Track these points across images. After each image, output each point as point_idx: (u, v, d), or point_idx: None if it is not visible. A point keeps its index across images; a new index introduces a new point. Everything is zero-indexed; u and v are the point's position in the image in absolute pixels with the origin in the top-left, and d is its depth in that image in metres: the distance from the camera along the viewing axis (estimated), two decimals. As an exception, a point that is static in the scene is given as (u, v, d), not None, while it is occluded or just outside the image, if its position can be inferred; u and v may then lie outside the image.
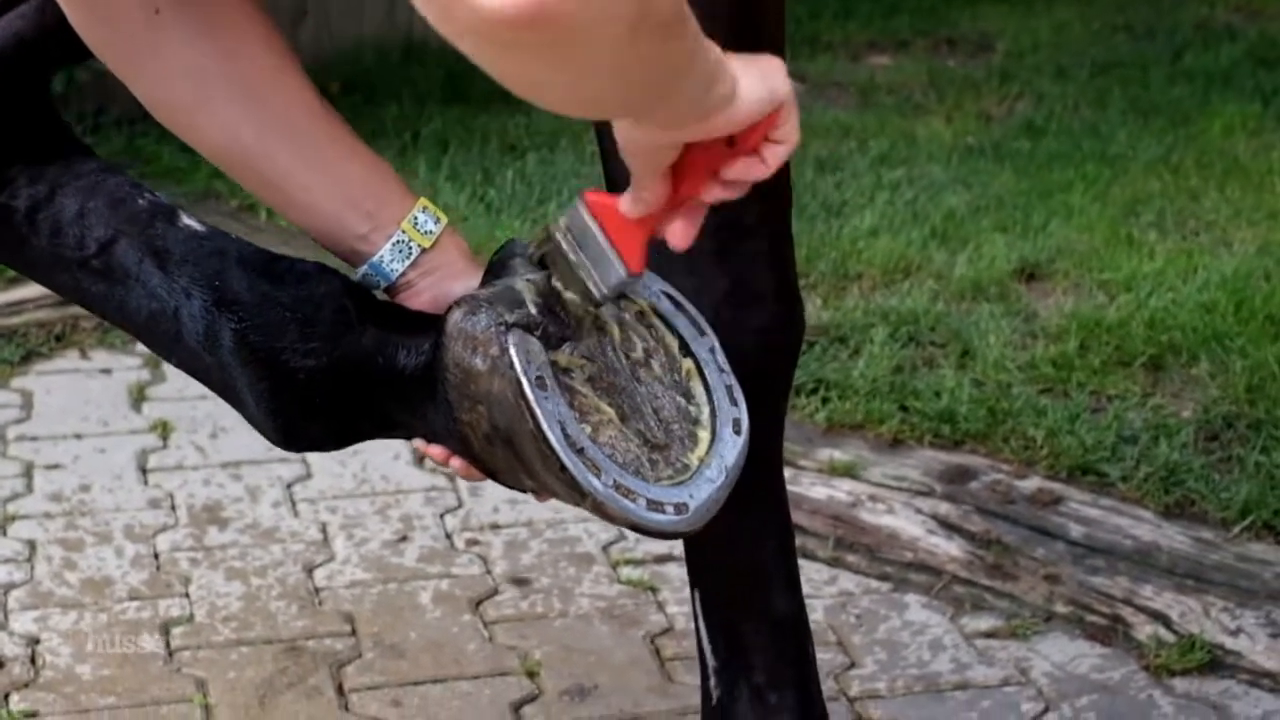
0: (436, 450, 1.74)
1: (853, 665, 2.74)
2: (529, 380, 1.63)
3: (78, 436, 3.40)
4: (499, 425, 1.65)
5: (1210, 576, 2.90)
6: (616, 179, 1.91)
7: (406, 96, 5.05)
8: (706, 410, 1.75)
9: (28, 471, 3.28)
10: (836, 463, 3.19)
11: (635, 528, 1.66)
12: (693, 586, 2.07)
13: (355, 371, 1.71)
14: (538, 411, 1.62)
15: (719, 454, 1.73)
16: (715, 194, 1.59)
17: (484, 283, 1.74)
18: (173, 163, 4.62)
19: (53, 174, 1.81)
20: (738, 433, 1.74)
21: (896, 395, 3.36)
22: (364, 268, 1.76)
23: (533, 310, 1.68)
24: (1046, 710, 2.65)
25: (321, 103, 1.77)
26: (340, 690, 2.70)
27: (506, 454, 1.67)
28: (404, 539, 3.09)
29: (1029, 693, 2.69)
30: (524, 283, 1.70)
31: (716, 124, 1.51)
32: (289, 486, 3.24)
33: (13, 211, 1.80)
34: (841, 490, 3.12)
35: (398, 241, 1.75)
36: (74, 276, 1.79)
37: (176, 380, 3.61)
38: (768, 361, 1.93)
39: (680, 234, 1.61)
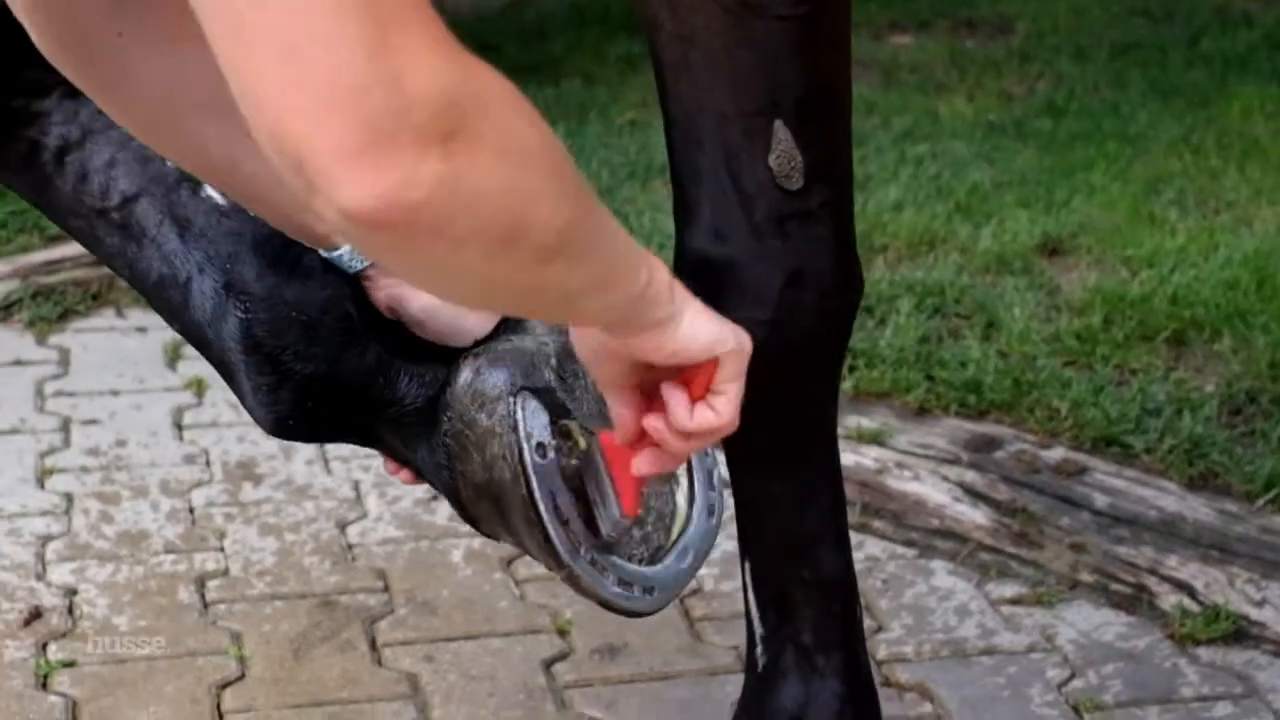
0: (406, 475, 1.78)
1: (880, 629, 2.77)
2: (529, 447, 1.65)
3: (114, 393, 3.44)
4: (492, 482, 1.67)
5: (1235, 548, 2.93)
6: (674, 152, 1.92)
7: (436, 67, 5.08)
8: (685, 492, 1.78)
9: (65, 426, 3.32)
10: (864, 430, 3.22)
11: (602, 603, 1.69)
12: (742, 557, 2.08)
13: (353, 386, 1.73)
14: (533, 480, 1.64)
15: (691, 537, 1.76)
16: (675, 444, 1.53)
17: (497, 331, 1.75)
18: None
19: (86, 116, 1.80)
20: (710, 516, 1.78)
21: (923, 365, 3.39)
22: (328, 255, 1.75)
23: (546, 375, 1.70)
24: (1072, 677, 2.68)
25: None
26: (373, 645, 2.74)
27: (491, 509, 1.70)
28: (435, 498, 3.12)
29: (1055, 659, 2.72)
30: (538, 344, 1.71)
31: (652, 344, 1.47)
32: (322, 444, 3.27)
33: (41, 149, 1.79)
34: (868, 457, 3.15)
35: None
36: (90, 224, 1.79)
37: (208, 340, 3.65)
38: (825, 325, 1.94)
39: (647, 462, 1.56)
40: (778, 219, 1.87)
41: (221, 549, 2.95)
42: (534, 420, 1.65)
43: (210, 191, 1.77)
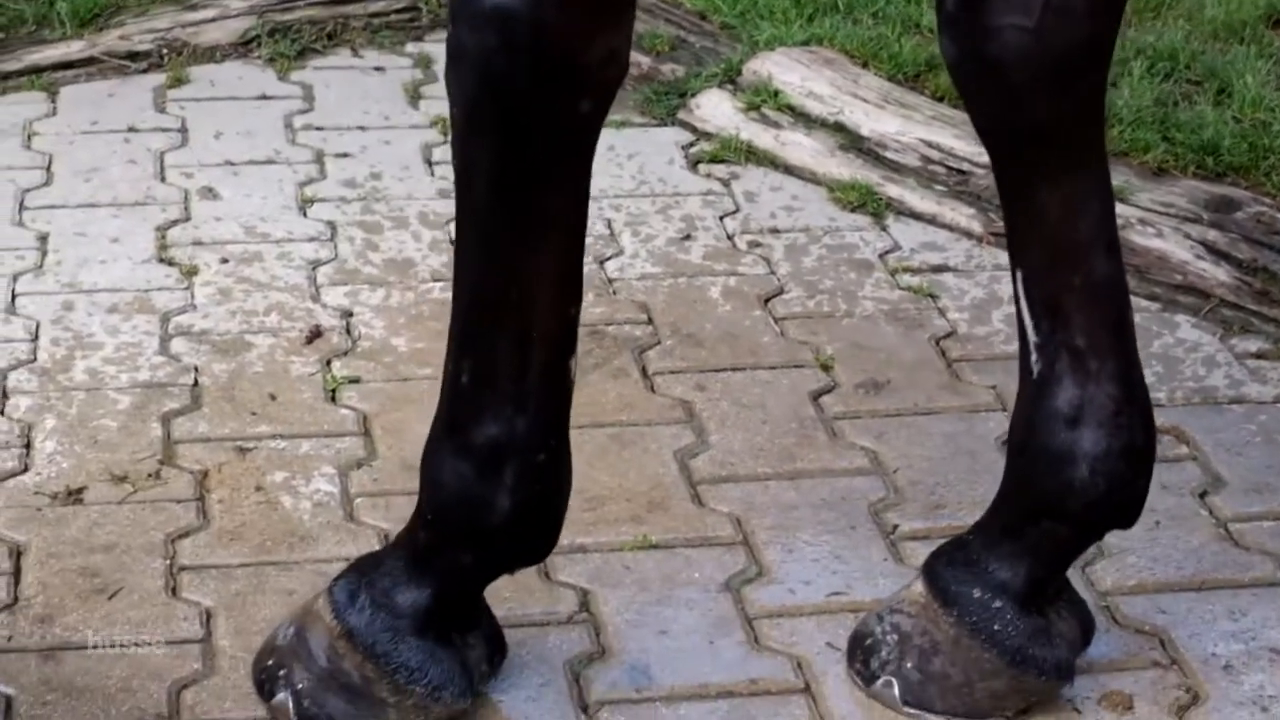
0: None
1: (1131, 375, 2.84)
2: None
3: (361, 128, 3.52)
4: None
5: None
6: None
7: None
8: None
9: (319, 159, 3.41)
10: (1106, 187, 3.26)
11: None
12: (1013, 267, 2.12)
13: None
14: None
15: None
16: None
17: None
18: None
19: None
20: None
21: (1159, 126, 3.42)
22: None
23: None
24: (1322, 426, 2.77)
25: None
26: (644, 373, 2.83)
27: None
28: (687, 238, 3.20)
29: (1304, 409, 2.81)
30: None
31: None
32: (574, 183, 3.35)
33: None
34: (1111, 213, 3.20)
35: None
36: None
37: (448, 81, 3.71)
38: (1092, 28, 1.97)
39: None
40: None
41: (486, 279, 3.04)
42: None
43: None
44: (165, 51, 3.72)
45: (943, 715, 2.19)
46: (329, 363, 2.82)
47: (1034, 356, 2.12)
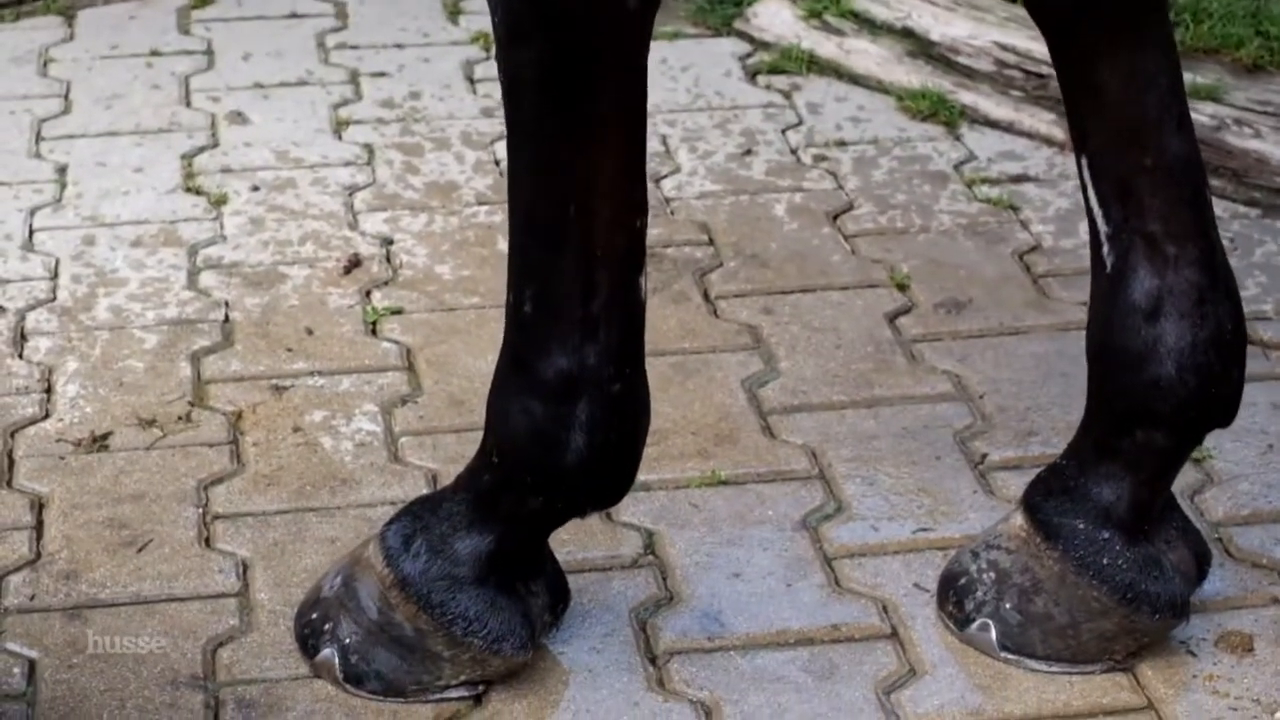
0: None
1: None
2: None
3: (399, 46, 3.34)
4: None
5: None
6: None
7: None
8: None
9: (354, 79, 3.24)
10: (1198, 86, 3.06)
11: None
12: (1078, 152, 1.96)
13: None
14: None
15: None
16: None
17: None
18: None
19: None
20: None
21: (1252, 21, 3.22)
22: None
23: None
24: None
25: None
26: (707, 296, 2.65)
27: None
28: (748, 153, 3.01)
29: None
30: None
31: None
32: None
33: None
34: (1204, 114, 2.98)
35: None
36: None
37: (489, -6, 3.53)
38: None
39: None
40: None
41: (535, 201, 2.86)
42: None
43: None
44: (188, -29, 3.56)
45: (1044, 661, 2.01)
46: (369, 294, 2.65)
47: (1105, 248, 1.95)
